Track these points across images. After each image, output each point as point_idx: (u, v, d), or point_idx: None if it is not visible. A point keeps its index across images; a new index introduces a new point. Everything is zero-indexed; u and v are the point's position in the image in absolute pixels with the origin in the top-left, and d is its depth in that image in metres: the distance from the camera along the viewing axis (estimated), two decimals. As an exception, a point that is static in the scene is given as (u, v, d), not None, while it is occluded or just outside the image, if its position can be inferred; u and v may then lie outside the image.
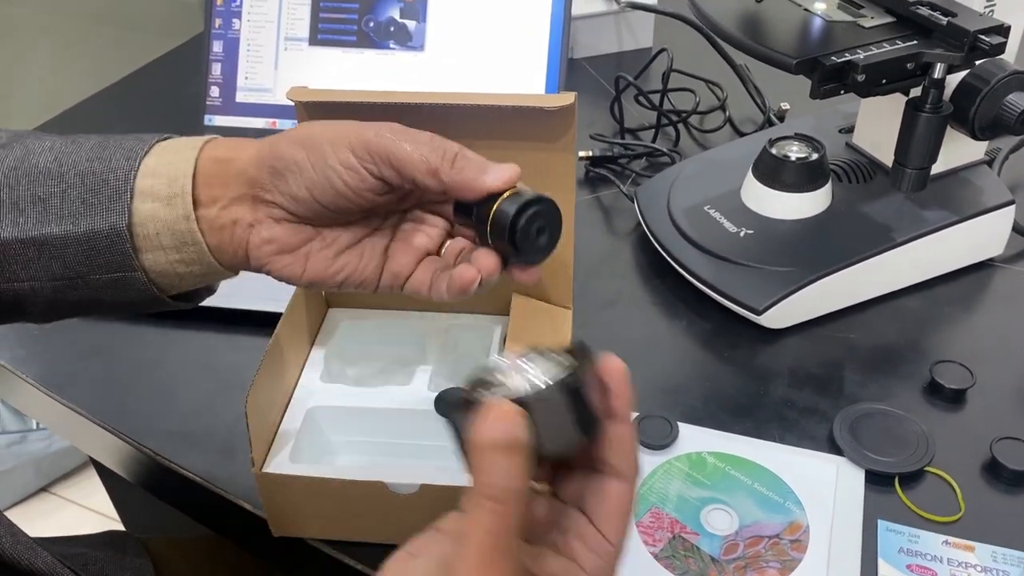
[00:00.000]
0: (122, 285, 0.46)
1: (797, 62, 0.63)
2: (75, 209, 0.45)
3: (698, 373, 0.69)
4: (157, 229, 0.45)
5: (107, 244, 0.45)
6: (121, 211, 0.45)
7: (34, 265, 0.46)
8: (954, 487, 0.59)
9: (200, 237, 0.46)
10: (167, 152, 0.46)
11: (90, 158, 0.46)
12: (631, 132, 0.96)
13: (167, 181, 0.45)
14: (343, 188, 0.45)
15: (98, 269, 0.46)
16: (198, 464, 0.63)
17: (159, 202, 0.45)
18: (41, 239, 0.45)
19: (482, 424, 0.35)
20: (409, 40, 0.89)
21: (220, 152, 0.46)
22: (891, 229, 0.73)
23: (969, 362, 0.67)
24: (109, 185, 0.45)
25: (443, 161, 0.44)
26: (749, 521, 0.57)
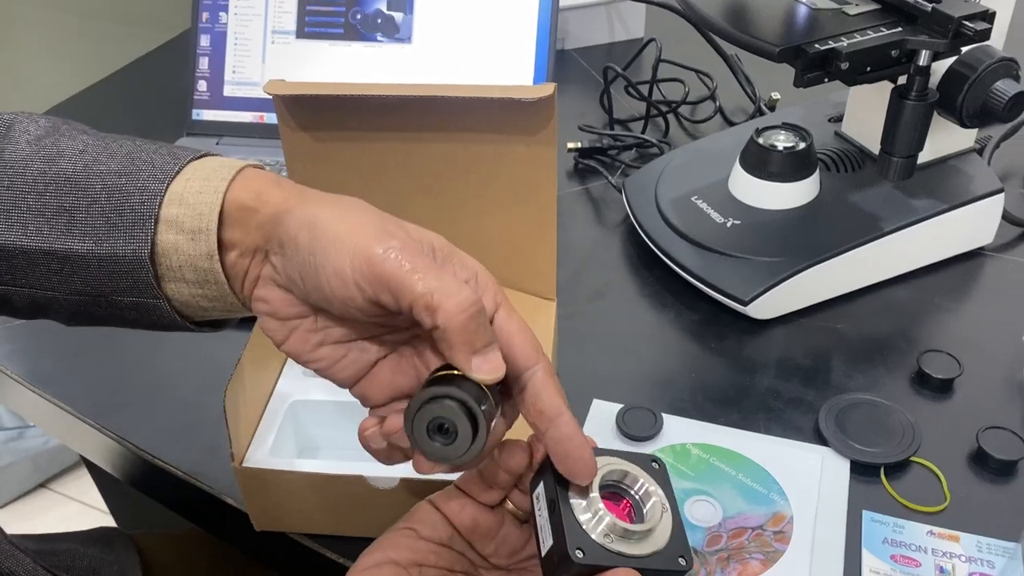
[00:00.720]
0: (145, 309, 0.45)
1: (780, 50, 0.62)
2: (99, 228, 0.43)
3: (685, 364, 0.69)
4: (180, 262, 0.43)
5: (129, 269, 0.44)
6: (144, 239, 0.43)
7: (56, 277, 0.45)
8: (940, 477, 0.59)
9: (223, 278, 0.43)
10: (197, 178, 0.44)
11: (119, 171, 0.44)
12: (621, 123, 0.95)
13: (194, 215, 0.43)
14: (330, 295, 0.40)
15: (120, 291, 0.45)
16: (183, 460, 0.63)
17: (183, 235, 0.43)
18: (64, 253, 0.44)
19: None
20: (396, 32, 0.89)
21: (247, 198, 0.43)
22: (879, 218, 0.72)
23: (957, 352, 0.66)
24: (134, 209, 0.43)
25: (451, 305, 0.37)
26: (732, 512, 0.57)
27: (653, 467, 0.44)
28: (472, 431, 0.39)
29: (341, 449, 0.61)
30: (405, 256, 0.38)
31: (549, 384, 0.40)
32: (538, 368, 0.40)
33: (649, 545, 0.40)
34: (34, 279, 0.45)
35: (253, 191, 0.43)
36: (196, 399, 0.66)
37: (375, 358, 0.44)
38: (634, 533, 0.40)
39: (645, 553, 0.40)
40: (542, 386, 0.40)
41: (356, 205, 0.42)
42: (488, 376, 0.38)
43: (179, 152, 0.45)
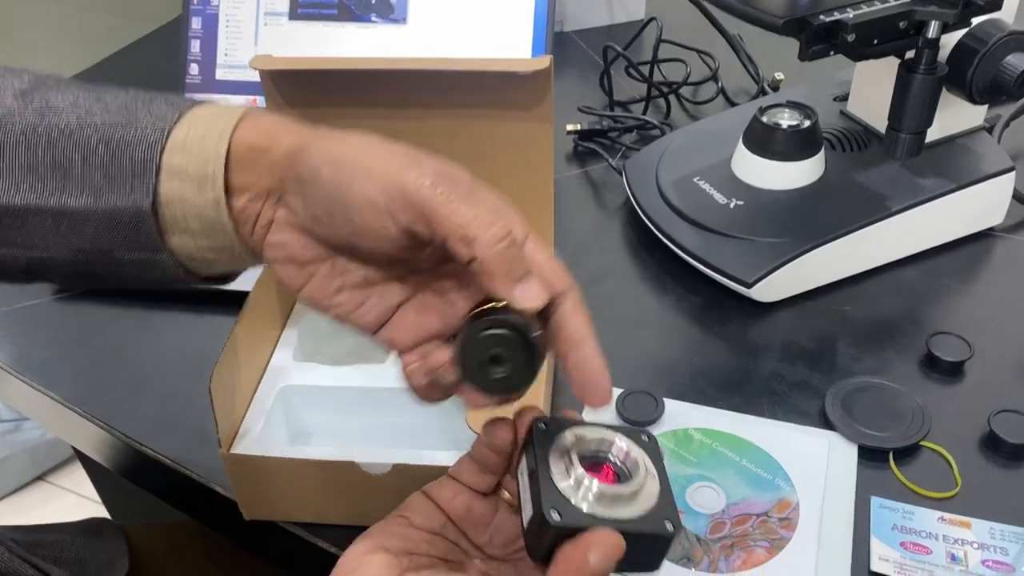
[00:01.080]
0: (148, 265, 0.43)
1: (784, 22, 0.60)
2: (97, 182, 0.41)
3: (687, 349, 0.67)
4: (185, 213, 0.41)
5: (130, 224, 0.41)
6: (146, 190, 0.40)
7: (52, 236, 0.42)
8: (950, 462, 0.57)
9: (231, 226, 0.41)
10: (199, 123, 0.41)
11: (115, 122, 0.41)
12: (621, 105, 0.93)
13: (198, 161, 0.40)
14: (361, 227, 0.38)
15: (122, 247, 0.42)
16: (171, 447, 0.61)
17: (188, 183, 0.41)
18: (60, 210, 0.41)
19: (590, 551, 0.36)
20: (391, 13, 0.87)
21: (256, 138, 0.41)
22: (886, 198, 0.70)
23: (967, 334, 0.65)
24: (135, 160, 0.41)
25: (488, 236, 0.36)
26: (736, 499, 0.55)
27: (643, 440, 0.42)
28: (527, 359, 0.38)
29: (334, 436, 0.59)
30: (440, 184, 0.37)
31: (577, 311, 0.39)
32: (567, 296, 0.39)
33: (633, 510, 0.38)
34: (28, 239, 0.42)
35: (263, 131, 0.41)
36: (184, 385, 0.65)
37: (397, 301, 0.42)
38: (616, 496, 0.38)
39: (627, 517, 0.38)
40: (571, 313, 0.39)
41: (376, 139, 0.40)
42: (532, 303, 0.37)
43: (176, 100, 0.43)
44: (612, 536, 0.36)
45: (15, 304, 0.73)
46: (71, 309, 0.72)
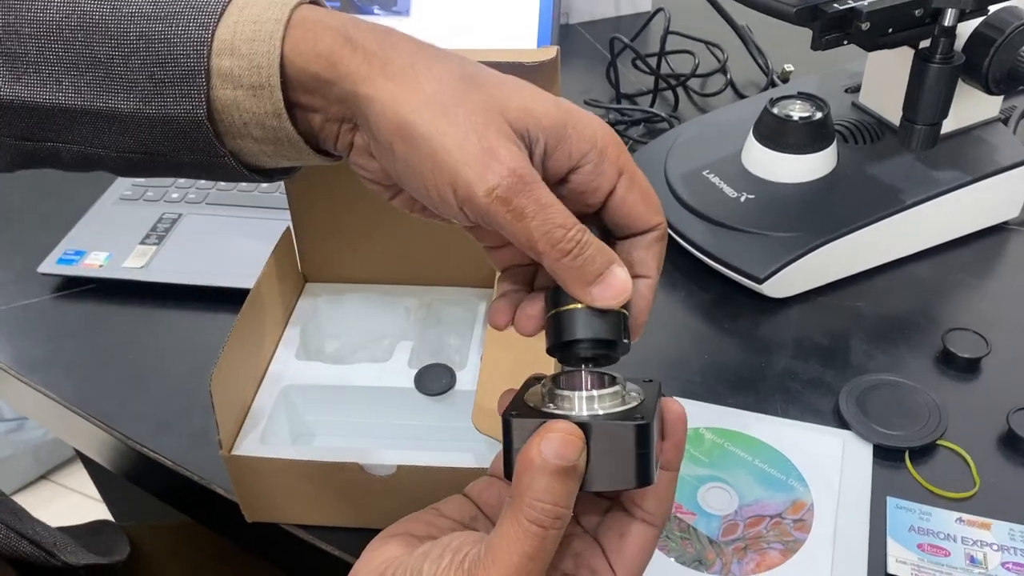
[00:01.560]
0: (207, 166, 0.41)
1: (797, 10, 0.59)
2: (142, 83, 0.38)
3: (697, 346, 0.66)
4: (244, 119, 0.38)
5: (186, 131, 0.39)
6: (198, 98, 0.37)
7: (105, 136, 0.40)
8: (968, 461, 0.56)
9: (298, 139, 0.38)
10: (245, 20, 0.37)
11: (153, 14, 0.38)
12: (628, 97, 0.92)
13: (251, 67, 0.37)
14: (432, 206, 0.37)
15: (178, 150, 0.40)
16: (171, 448, 0.60)
17: (243, 90, 0.37)
18: (109, 113, 0.39)
19: (542, 443, 0.33)
20: (394, 4, 0.85)
21: (314, 63, 0.37)
22: (900, 191, 0.69)
23: (984, 330, 0.63)
24: (179, 62, 0.37)
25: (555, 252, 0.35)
26: (750, 500, 0.54)
27: (643, 381, 0.39)
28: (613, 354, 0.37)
29: (337, 436, 0.58)
30: (511, 193, 0.34)
31: (654, 247, 0.38)
32: (650, 234, 0.38)
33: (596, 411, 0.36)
34: (80, 137, 0.40)
35: (323, 57, 0.36)
36: (185, 384, 0.64)
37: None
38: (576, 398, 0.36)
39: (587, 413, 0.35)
40: (646, 247, 0.38)
41: (448, 89, 0.35)
42: (609, 303, 0.36)
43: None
44: (563, 424, 0.34)
45: (13, 303, 0.72)
46: (70, 307, 0.71)
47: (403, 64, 0.36)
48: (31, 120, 0.40)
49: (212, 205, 0.78)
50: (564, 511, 0.33)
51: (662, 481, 0.37)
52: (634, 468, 0.34)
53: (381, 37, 0.37)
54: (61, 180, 0.83)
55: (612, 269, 0.36)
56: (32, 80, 0.39)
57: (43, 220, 0.79)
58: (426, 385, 0.55)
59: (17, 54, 0.39)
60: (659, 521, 0.37)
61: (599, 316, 0.36)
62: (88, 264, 0.72)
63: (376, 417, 0.57)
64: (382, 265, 0.62)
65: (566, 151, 0.36)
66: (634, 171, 0.37)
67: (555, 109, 0.36)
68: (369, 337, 0.62)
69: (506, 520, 0.33)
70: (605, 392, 0.36)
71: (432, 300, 0.62)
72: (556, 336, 0.37)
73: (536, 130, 0.35)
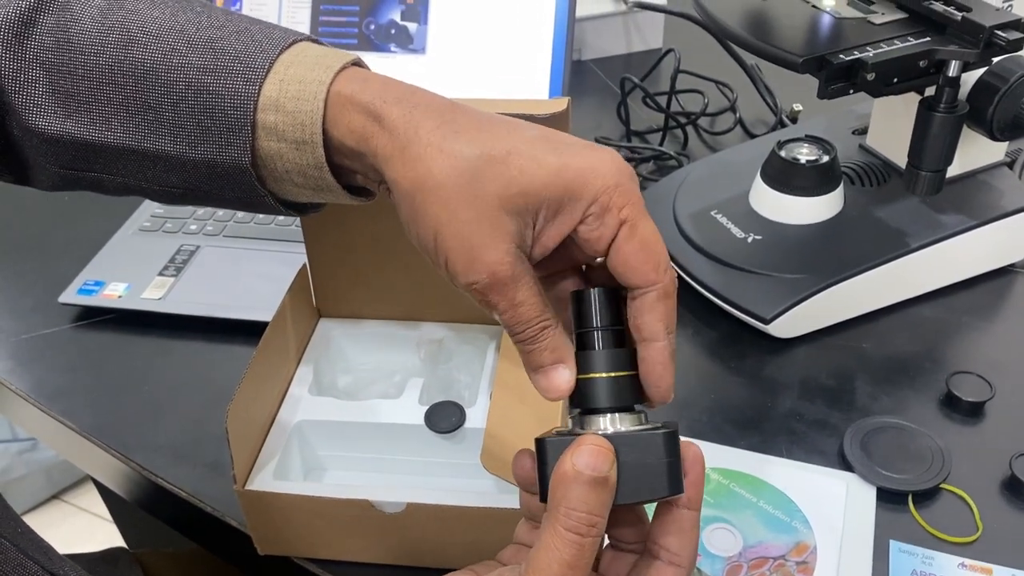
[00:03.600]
0: (247, 202, 0.43)
1: (803, 60, 0.60)
2: (190, 129, 0.40)
3: (703, 384, 0.67)
4: (286, 168, 0.40)
5: (229, 173, 0.41)
6: (243, 147, 0.40)
7: (150, 172, 0.42)
8: (971, 506, 0.57)
9: (337, 185, 0.40)
10: (291, 79, 0.39)
11: (202, 65, 0.40)
12: (638, 135, 0.93)
13: (295, 124, 0.39)
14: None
15: (221, 189, 0.42)
16: (186, 479, 0.61)
17: (286, 143, 0.40)
18: (155, 154, 0.41)
19: (574, 455, 0.35)
20: (410, 43, 0.87)
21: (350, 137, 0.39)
22: (906, 234, 0.70)
23: (988, 374, 0.64)
24: (227, 114, 0.40)
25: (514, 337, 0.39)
26: (753, 541, 0.55)
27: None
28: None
29: (348, 471, 0.59)
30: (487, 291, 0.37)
31: (656, 308, 0.38)
32: (652, 290, 0.38)
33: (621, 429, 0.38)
34: (125, 171, 0.43)
35: (356, 133, 0.39)
36: (199, 415, 0.65)
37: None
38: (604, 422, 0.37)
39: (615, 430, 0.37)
40: (648, 309, 0.38)
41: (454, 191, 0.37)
42: (544, 393, 0.38)
43: (263, 38, 0.41)
44: (593, 438, 0.35)
45: (33, 331, 0.73)
46: (89, 337, 0.73)
47: (421, 149, 0.38)
48: (79, 153, 0.42)
49: (229, 237, 0.79)
50: (599, 520, 0.35)
51: (685, 521, 0.38)
52: (665, 476, 0.36)
53: (407, 115, 0.38)
54: (81, 211, 0.85)
55: (555, 368, 0.38)
56: (83, 119, 0.41)
57: (63, 250, 0.80)
58: (436, 422, 0.56)
59: (70, 93, 0.41)
60: (686, 562, 0.38)
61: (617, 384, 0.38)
62: (107, 295, 0.74)
63: (386, 453, 0.58)
64: (394, 301, 0.63)
65: (567, 214, 0.37)
66: (637, 222, 0.37)
67: (555, 176, 0.37)
68: (381, 373, 0.63)
69: (544, 532, 0.35)
70: (626, 416, 0.38)
71: (443, 337, 0.63)
72: (576, 401, 0.39)
73: (536, 205, 0.37)
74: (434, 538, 0.52)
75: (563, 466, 0.35)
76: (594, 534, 0.34)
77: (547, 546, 0.34)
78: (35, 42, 0.42)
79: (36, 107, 0.42)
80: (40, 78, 0.41)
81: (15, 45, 0.41)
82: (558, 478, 0.35)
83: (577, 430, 0.38)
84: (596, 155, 0.38)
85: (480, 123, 0.39)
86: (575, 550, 0.34)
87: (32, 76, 0.41)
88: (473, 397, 0.59)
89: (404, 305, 0.63)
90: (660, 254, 0.38)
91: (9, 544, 0.43)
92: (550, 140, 0.38)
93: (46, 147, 0.43)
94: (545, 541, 0.34)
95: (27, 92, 0.42)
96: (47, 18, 0.42)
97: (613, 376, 0.38)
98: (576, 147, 0.38)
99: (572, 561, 0.34)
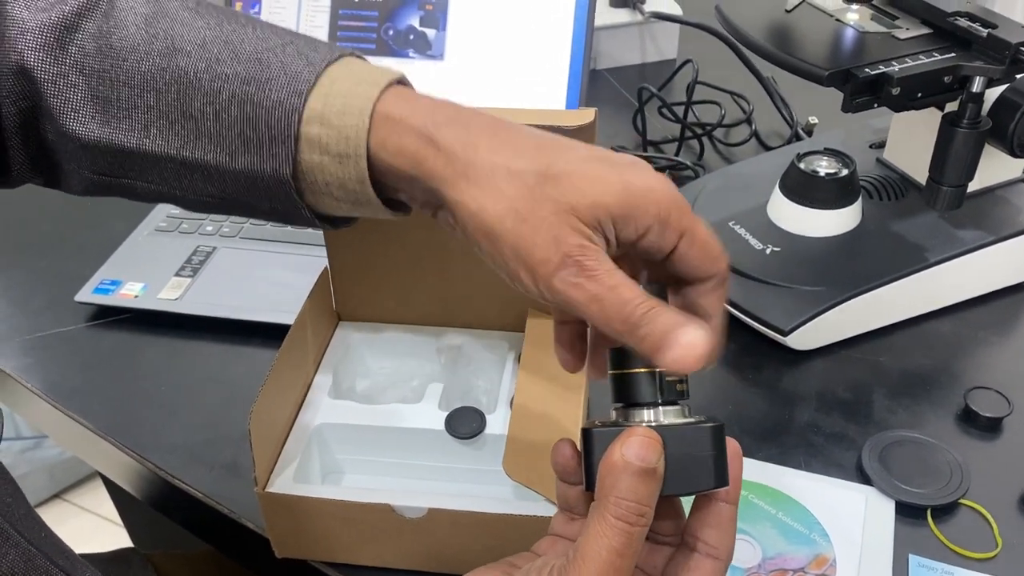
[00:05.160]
0: (283, 214, 0.43)
1: (829, 73, 0.60)
2: (230, 140, 0.40)
3: (720, 396, 0.67)
4: (327, 180, 0.40)
5: (268, 185, 0.41)
6: (285, 158, 0.40)
7: (186, 181, 0.42)
8: (990, 521, 0.56)
9: (378, 201, 0.40)
10: (336, 93, 0.40)
11: (247, 76, 0.40)
12: (654, 145, 0.93)
13: (339, 137, 0.39)
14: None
15: (258, 200, 0.42)
16: (202, 480, 0.61)
17: (328, 156, 0.40)
18: (194, 162, 0.41)
19: (623, 446, 0.35)
20: (429, 49, 0.87)
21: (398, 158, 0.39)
22: (924, 249, 0.70)
23: (1006, 389, 0.64)
24: (270, 125, 0.40)
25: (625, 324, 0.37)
26: (772, 553, 0.55)
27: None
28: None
29: (367, 475, 0.59)
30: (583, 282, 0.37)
31: (716, 292, 0.40)
32: (711, 280, 0.40)
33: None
34: (160, 178, 0.43)
35: (407, 156, 0.39)
36: (215, 416, 0.65)
37: None
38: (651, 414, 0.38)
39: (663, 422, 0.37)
40: (706, 293, 0.40)
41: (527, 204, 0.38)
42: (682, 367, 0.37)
43: (308, 52, 0.41)
44: (643, 430, 0.36)
45: (49, 330, 0.73)
46: (105, 336, 0.73)
47: (485, 169, 0.38)
48: (115, 159, 0.42)
49: (246, 239, 0.79)
50: (648, 509, 0.35)
51: (723, 514, 0.38)
52: (712, 469, 0.37)
53: (463, 137, 0.39)
54: (98, 210, 0.85)
55: (683, 329, 0.36)
56: (122, 125, 0.41)
57: (79, 249, 0.80)
58: (456, 428, 0.56)
59: (110, 99, 0.41)
60: (724, 555, 0.38)
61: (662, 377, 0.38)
62: (124, 294, 0.74)
63: (406, 457, 0.58)
64: (414, 306, 0.63)
65: (632, 227, 0.38)
66: (694, 229, 0.39)
67: (622, 193, 0.37)
68: (400, 377, 0.63)
69: (593, 520, 0.35)
70: (670, 409, 0.39)
71: (463, 342, 0.63)
72: (620, 395, 0.39)
73: (605, 217, 0.37)
74: (453, 544, 0.52)
75: (612, 456, 0.35)
76: (642, 523, 0.35)
77: (596, 534, 0.35)
78: (76, 47, 0.41)
79: (75, 112, 0.42)
80: (80, 83, 0.41)
81: (56, 50, 0.41)
82: (607, 467, 0.35)
83: (622, 422, 0.38)
84: (652, 175, 0.39)
85: (535, 141, 0.39)
86: (624, 538, 0.34)
87: (72, 81, 0.41)
88: (492, 403, 0.59)
89: (424, 310, 0.63)
90: (716, 248, 0.40)
91: (36, 551, 0.43)
92: (605, 158, 0.39)
93: (82, 152, 0.43)
94: (594, 529, 0.35)
95: (65, 96, 0.42)
96: (90, 24, 0.42)
97: (659, 370, 0.38)
98: (629, 166, 0.39)
99: (621, 549, 0.34)
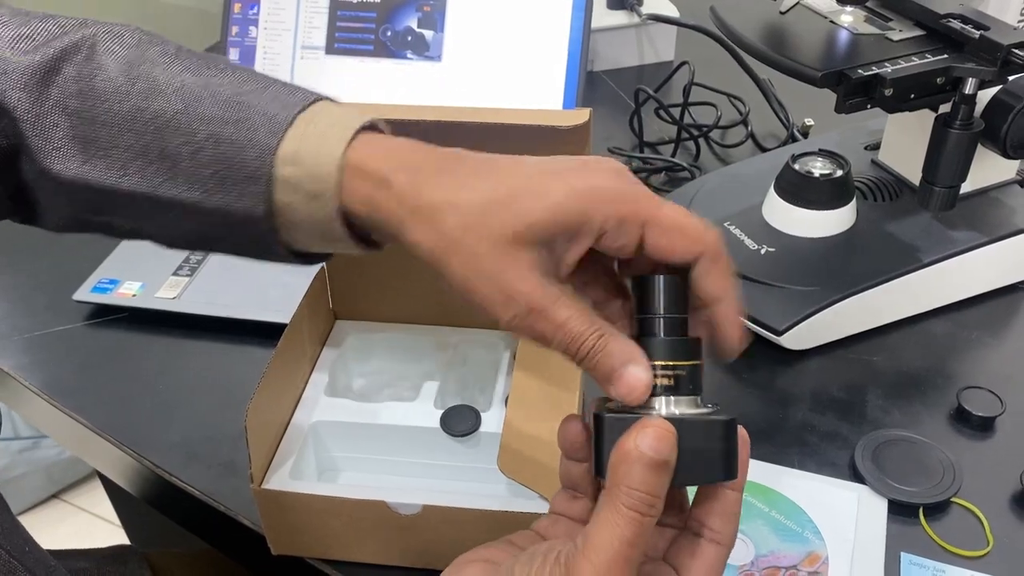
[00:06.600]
0: (259, 251, 0.44)
1: (822, 75, 0.61)
2: (206, 179, 0.41)
3: (715, 395, 0.66)
4: (299, 219, 0.41)
5: (242, 222, 0.42)
6: (259, 197, 0.41)
7: (161, 219, 0.43)
8: (982, 520, 0.57)
9: (349, 237, 0.41)
10: (311, 135, 0.40)
11: (224, 117, 0.41)
12: (650, 146, 0.94)
13: (311, 177, 0.40)
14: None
15: (232, 237, 0.43)
16: (199, 478, 0.61)
17: (299, 195, 0.41)
18: (169, 201, 0.42)
19: (638, 436, 0.35)
20: (427, 50, 0.88)
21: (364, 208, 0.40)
22: (918, 249, 0.70)
23: (998, 389, 0.64)
24: (246, 164, 0.40)
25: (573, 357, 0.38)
26: (765, 551, 0.55)
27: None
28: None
29: (362, 472, 0.59)
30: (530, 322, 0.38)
31: (711, 272, 0.38)
32: (700, 259, 0.38)
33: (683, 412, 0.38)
34: (137, 217, 0.43)
35: (366, 203, 0.40)
36: (212, 415, 0.65)
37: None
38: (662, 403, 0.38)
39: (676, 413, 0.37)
40: (703, 275, 0.38)
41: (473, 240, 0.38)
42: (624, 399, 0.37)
43: (285, 96, 0.42)
44: (658, 422, 0.36)
45: (47, 328, 0.73)
46: (103, 335, 0.73)
47: (431, 207, 0.39)
48: (92, 197, 0.43)
49: (244, 239, 0.80)
50: (658, 500, 0.35)
51: (728, 500, 0.38)
52: (721, 462, 0.37)
53: (412, 178, 0.39)
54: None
55: (627, 368, 0.37)
56: (101, 164, 0.42)
57: (78, 248, 0.81)
58: (452, 426, 0.57)
59: (89, 139, 0.42)
60: (727, 540, 0.38)
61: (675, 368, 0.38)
62: (122, 293, 0.74)
63: (401, 455, 0.58)
64: (410, 305, 0.64)
65: (585, 232, 0.38)
66: (657, 217, 0.38)
67: (564, 201, 0.37)
68: (396, 376, 0.63)
69: (603, 508, 0.35)
70: (683, 398, 0.38)
71: (458, 341, 0.63)
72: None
73: (550, 234, 0.38)
74: (447, 541, 0.53)
75: (626, 445, 0.35)
76: (653, 514, 0.35)
77: (607, 523, 0.35)
78: (59, 88, 0.42)
79: (56, 150, 0.42)
80: (61, 123, 0.42)
81: (38, 91, 0.42)
82: (620, 456, 0.35)
83: (636, 408, 0.38)
84: (598, 174, 0.38)
85: (479, 169, 0.40)
86: (635, 528, 0.34)
87: (53, 120, 0.42)
88: (488, 402, 0.59)
89: (420, 309, 0.64)
90: (691, 227, 0.38)
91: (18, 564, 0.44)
92: (549, 170, 0.39)
93: (60, 190, 0.43)
94: (604, 518, 0.35)
95: (47, 136, 0.42)
96: (72, 67, 0.43)
97: (672, 363, 0.38)
98: (574, 170, 0.38)
99: (632, 539, 0.34)
